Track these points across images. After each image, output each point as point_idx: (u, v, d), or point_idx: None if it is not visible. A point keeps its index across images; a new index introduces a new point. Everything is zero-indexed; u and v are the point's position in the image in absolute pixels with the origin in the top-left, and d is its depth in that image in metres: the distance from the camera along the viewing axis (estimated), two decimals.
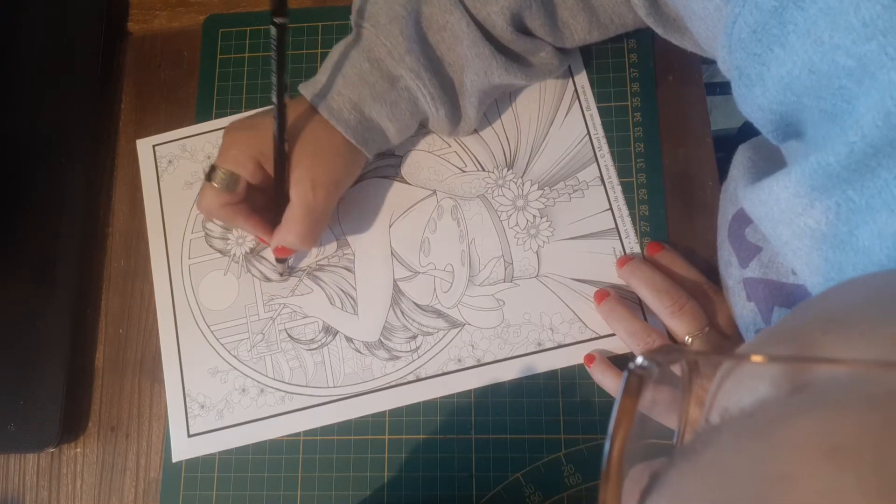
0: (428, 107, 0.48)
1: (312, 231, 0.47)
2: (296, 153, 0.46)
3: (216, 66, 0.59)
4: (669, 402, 0.40)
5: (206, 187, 0.47)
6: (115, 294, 0.56)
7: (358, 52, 0.46)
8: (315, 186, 0.46)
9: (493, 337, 0.51)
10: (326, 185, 0.46)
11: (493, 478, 0.49)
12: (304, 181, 0.46)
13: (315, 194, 0.46)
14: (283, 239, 0.48)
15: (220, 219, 0.50)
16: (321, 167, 0.46)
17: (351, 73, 0.46)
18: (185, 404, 0.52)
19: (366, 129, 0.47)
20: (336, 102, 0.46)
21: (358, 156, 0.48)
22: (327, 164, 0.46)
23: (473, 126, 0.52)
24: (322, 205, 0.47)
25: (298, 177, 0.46)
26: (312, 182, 0.46)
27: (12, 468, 0.53)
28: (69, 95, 0.58)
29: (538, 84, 0.55)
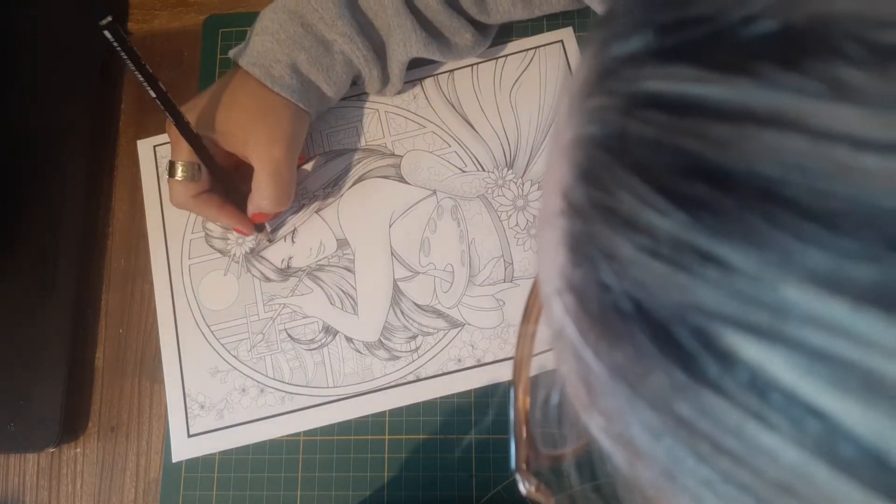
0: (362, 68, 0.50)
1: (283, 191, 0.49)
2: (245, 124, 0.47)
3: (216, 66, 0.59)
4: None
5: (171, 183, 0.49)
6: (115, 294, 0.56)
7: (290, 16, 0.48)
8: (272, 149, 0.47)
9: (493, 337, 0.51)
10: (282, 145, 0.48)
11: (493, 478, 0.49)
12: (261, 147, 0.47)
13: (274, 156, 0.47)
14: (258, 205, 0.49)
15: (195, 211, 0.52)
16: (273, 130, 0.47)
17: (285, 39, 0.48)
18: (185, 404, 0.52)
19: (307, 91, 0.49)
20: (276, 70, 0.47)
21: (302, 115, 0.50)
22: (277, 126, 0.48)
23: (398, 89, 0.54)
24: (284, 164, 0.48)
25: (254, 145, 0.47)
26: (269, 146, 0.47)
27: (12, 468, 0.53)
28: (69, 95, 0.58)
29: (538, 84, 0.55)
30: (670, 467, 0.15)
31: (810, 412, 0.12)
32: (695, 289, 0.13)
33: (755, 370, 0.13)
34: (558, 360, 0.19)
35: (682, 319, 0.14)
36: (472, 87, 0.56)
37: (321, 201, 0.55)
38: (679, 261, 0.14)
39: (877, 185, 0.12)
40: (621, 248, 0.15)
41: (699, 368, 0.14)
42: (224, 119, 0.48)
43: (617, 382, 0.15)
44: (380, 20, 0.50)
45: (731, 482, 0.14)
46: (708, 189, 0.14)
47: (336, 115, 0.57)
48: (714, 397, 0.13)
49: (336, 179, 0.55)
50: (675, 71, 0.15)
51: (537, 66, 0.56)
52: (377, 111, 0.57)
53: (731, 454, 0.14)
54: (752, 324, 0.13)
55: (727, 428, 0.13)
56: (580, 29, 0.56)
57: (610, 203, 0.15)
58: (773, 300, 0.13)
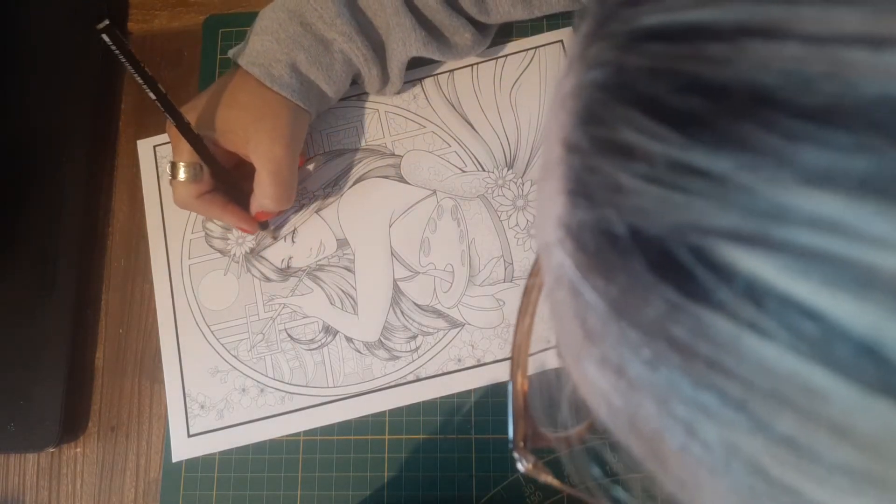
0: (361, 67, 0.50)
1: (284, 190, 0.49)
2: (246, 123, 0.47)
3: (216, 66, 0.59)
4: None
5: (174, 184, 0.49)
6: (115, 294, 0.56)
7: (289, 16, 0.48)
8: (274, 148, 0.47)
9: (493, 337, 0.51)
10: (283, 144, 0.48)
11: (493, 478, 0.49)
12: (262, 146, 0.47)
13: (276, 155, 0.47)
14: (260, 204, 0.49)
15: (199, 211, 0.52)
16: (274, 129, 0.48)
17: (285, 38, 0.48)
18: (185, 404, 0.52)
19: (307, 90, 0.49)
20: (276, 70, 0.47)
21: (302, 114, 0.50)
22: (278, 124, 0.48)
23: (398, 88, 0.54)
24: (285, 163, 0.48)
25: (255, 144, 0.47)
26: (270, 145, 0.47)
27: (12, 468, 0.53)
28: (69, 95, 0.58)
29: (538, 84, 0.55)
30: (667, 397, 0.15)
31: (805, 314, 0.12)
32: (691, 207, 0.14)
33: (751, 279, 0.13)
34: (555, 313, 0.19)
35: (679, 239, 0.14)
36: (472, 87, 0.56)
37: (321, 201, 0.55)
38: (675, 182, 0.14)
39: (867, 77, 0.12)
40: (619, 178, 0.15)
41: (695, 286, 0.14)
42: (224, 118, 0.48)
43: (613, 317, 0.16)
44: (379, 19, 0.50)
45: (727, 403, 0.14)
46: (703, 104, 0.14)
47: (336, 115, 0.57)
48: (709, 313, 0.14)
49: (336, 179, 0.55)
50: (669, 2, 0.15)
51: (537, 66, 0.56)
52: (377, 111, 0.57)
53: (727, 371, 0.14)
54: (747, 233, 0.13)
55: (722, 344, 0.13)
56: None
57: (609, 136, 0.15)
58: (767, 206, 0.13)
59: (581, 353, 0.17)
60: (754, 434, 0.14)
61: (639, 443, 0.17)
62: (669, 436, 0.15)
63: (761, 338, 0.13)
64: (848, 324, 0.12)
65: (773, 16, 0.13)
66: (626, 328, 0.15)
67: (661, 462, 0.17)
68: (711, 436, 0.14)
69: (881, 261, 0.12)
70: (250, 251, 0.55)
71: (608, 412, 0.18)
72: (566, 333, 0.18)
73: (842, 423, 0.13)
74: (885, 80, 0.12)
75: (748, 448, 0.14)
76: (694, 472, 0.15)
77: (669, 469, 0.16)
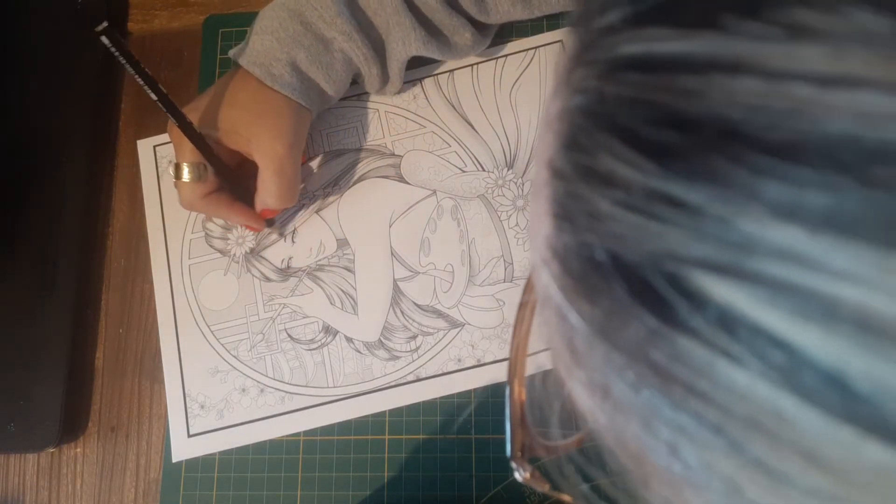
0: (361, 66, 0.51)
1: (287, 188, 0.49)
2: (248, 122, 0.48)
3: (216, 66, 0.59)
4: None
5: (179, 185, 0.49)
6: (115, 294, 0.56)
7: (290, 15, 0.48)
8: (276, 147, 0.47)
9: (493, 337, 0.51)
10: (285, 142, 0.48)
11: (492, 478, 0.49)
12: (264, 144, 0.48)
13: (278, 153, 0.48)
14: (263, 202, 0.50)
15: (205, 212, 0.52)
16: (275, 128, 0.48)
17: (285, 37, 0.48)
18: (185, 404, 0.52)
19: (307, 89, 0.49)
20: (276, 69, 0.47)
21: (303, 113, 0.50)
22: (279, 123, 0.48)
23: (398, 88, 0.54)
24: (288, 161, 0.48)
25: (257, 143, 0.48)
26: (272, 144, 0.47)
27: (12, 468, 0.53)
28: (69, 95, 0.58)
29: (538, 84, 0.55)
30: (649, 419, 0.15)
31: (774, 344, 0.13)
32: (666, 235, 0.14)
33: (723, 308, 0.13)
34: (545, 330, 0.19)
35: (656, 267, 0.14)
36: (472, 87, 0.56)
37: (321, 201, 0.55)
38: (651, 210, 0.14)
39: (829, 115, 0.13)
40: (599, 205, 0.15)
41: (671, 312, 0.14)
42: (226, 118, 0.48)
43: (597, 339, 0.16)
44: (379, 18, 0.50)
45: (704, 425, 0.14)
46: (676, 136, 0.14)
47: (336, 115, 0.57)
48: (685, 339, 0.14)
49: (336, 179, 0.55)
50: (648, 33, 0.15)
51: (537, 66, 0.56)
52: (377, 111, 0.57)
53: (703, 396, 0.14)
54: (719, 263, 0.13)
55: (698, 369, 0.14)
56: None
57: (589, 163, 0.16)
58: (736, 237, 0.13)
59: (568, 373, 0.18)
60: (730, 456, 0.14)
61: (626, 458, 0.18)
62: (653, 455, 0.16)
63: (734, 365, 0.13)
64: (814, 354, 0.13)
65: (740, 51, 0.14)
66: (610, 351, 0.16)
67: (646, 478, 0.17)
68: (692, 456, 0.15)
69: (844, 294, 0.12)
70: (250, 251, 0.55)
71: (596, 428, 0.18)
72: (555, 352, 0.19)
73: (810, 449, 0.13)
74: (846, 119, 0.12)
75: (726, 469, 0.14)
76: (678, 489, 0.16)
77: (654, 485, 0.17)
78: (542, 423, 0.26)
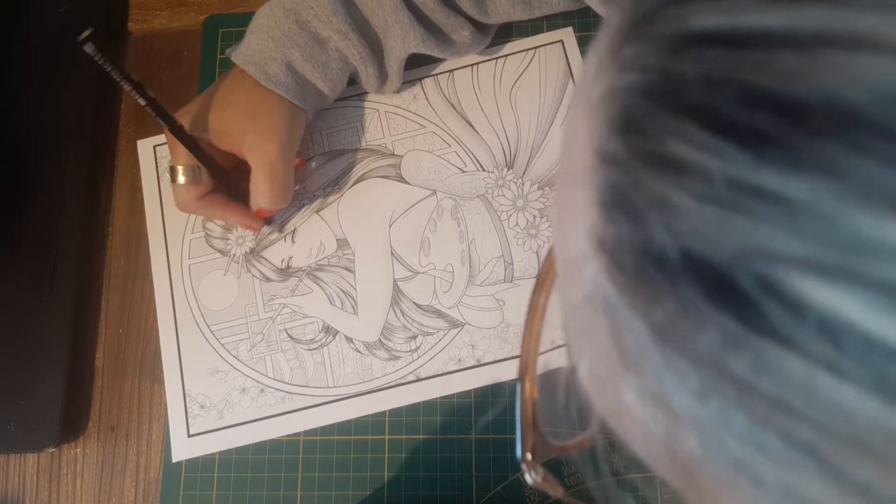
0: (358, 65, 0.50)
1: (279, 189, 0.49)
2: (241, 122, 0.47)
3: (216, 66, 0.59)
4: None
5: (175, 188, 0.49)
6: (115, 294, 0.56)
7: (285, 14, 0.48)
8: (268, 147, 0.47)
9: (493, 337, 0.51)
10: (277, 143, 0.48)
11: (492, 478, 0.49)
12: (256, 145, 0.47)
13: (270, 154, 0.47)
14: (256, 203, 0.49)
15: (201, 213, 0.52)
16: (268, 128, 0.47)
17: (280, 36, 0.48)
18: (185, 404, 0.52)
19: (303, 88, 0.49)
20: (271, 68, 0.47)
21: (298, 113, 0.49)
22: (272, 124, 0.48)
23: (397, 87, 0.54)
24: (280, 162, 0.48)
25: (250, 143, 0.47)
26: (264, 144, 0.47)
27: (12, 468, 0.53)
28: (69, 95, 0.58)
29: (538, 83, 0.55)
30: (717, 432, 0.14)
31: (892, 356, 0.11)
32: (757, 232, 0.13)
33: (827, 315, 0.12)
34: (582, 332, 0.18)
35: (741, 266, 0.13)
36: (472, 87, 0.56)
37: (321, 201, 0.55)
38: (739, 203, 0.13)
39: None
40: (669, 195, 0.14)
41: (759, 318, 0.13)
42: (219, 119, 0.48)
43: (657, 342, 0.14)
44: (376, 17, 0.50)
45: (791, 443, 0.13)
46: (774, 122, 0.13)
47: (336, 115, 0.57)
48: (776, 349, 0.12)
49: (336, 179, 0.55)
50: (729, 4, 0.14)
51: (537, 66, 0.56)
52: (377, 111, 0.57)
53: (793, 411, 0.13)
54: (825, 264, 0.12)
55: (791, 382, 0.12)
56: (580, 29, 0.56)
57: (656, 149, 0.14)
58: (849, 236, 0.12)
59: (614, 377, 0.16)
60: (824, 481, 0.13)
61: (674, 470, 0.16)
62: (713, 469, 0.14)
63: (840, 380, 0.12)
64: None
65: (861, 25, 0.12)
66: (672, 355, 0.14)
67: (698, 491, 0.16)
68: (768, 476, 0.13)
69: None
70: (250, 251, 0.55)
71: (642, 437, 0.16)
72: (597, 353, 0.17)
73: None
74: None
75: (813, 494, 0.13)
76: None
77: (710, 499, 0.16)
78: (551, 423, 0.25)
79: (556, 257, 0.20)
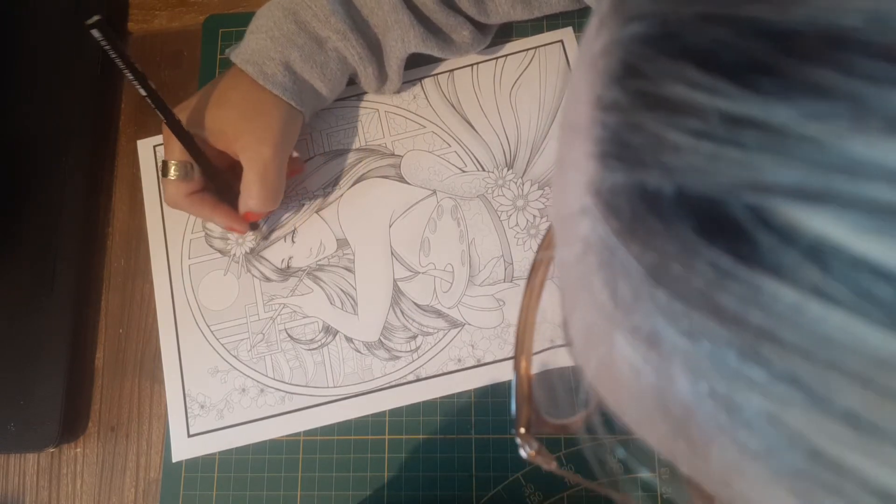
0: (357, 65, 0.50)
1: (270, 192, 0.49)
2: (236, 122, 0.47)
3: (216, 66, 0.59)
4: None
5: (165, 183, 0.49)
6: (115, 294, 0.56)
7: (284, 14, 0.48)
8: (261, 149, 0.47)
9: (493, 337, 0.51)
10: (271, 145, 0.47)
11: (493, 478, 0.49)
12: (250, 146, 0.47)
13: (263, 156, 0.47)
14: (245, 204, 0.49)
15: (189, 210, 0.51)
16: (263, 129, 0.47)
17: (279, 36, 0.47)
18: (185, 404, 0.52)
19: (300, 89, 0.49)
20: (269, 68, 0.47)
21: (295, 115, 0.49)
22: (267, 125, 0.47)
23: (397, 87, 0.54)
24: (272, 164, 0.48)
25: (243, 144, 0.47)
26: (258, 145, 0.47)
27: (12, 468, 0.53)
28: (69, 95, 0.58)
29: (538, 84, 0.55)
30: (707, 372, 0.14)
31: (879, 276, 0.11)
32: (748, 163, 0.13)
33: (816, 240, 0.12)
34: (577, 288, 0.17)
35: (734, 199, 0.13)
36: (472, 87, 0.56)
37: (321, 201, 0.55)
38: (732, 136, 0.13)
39: None
40: (666, 135, 0.14)
41: (751, 249, 0.13)
42: (214, 117, 0.48)
43: (650, 284, 0.14)
44: (376, 17, 0.50)
45: (777, 376, 0.13)
46: (767, 52, 0.13)
47: (336, 115, 0.57)
48: (766, 278, 0.12)
49: (336, 179, 0.55)
50: None
51: (537, 66, 0.56)
52: (377, 111, 0.57)
53: (781, 342, 0.12)
54: (814, 189, 0.12)
55: (778, 312, 0.12)
56: (580, 29, 0.56)
57: (654, 91, 0.14)
58: (837, 158, 0.12)
59: (608, 325, 0.16)
60: (809, 410, 0.13)
61: (665, 426, 0.16)
62: (704, 414, 0.14)
63: (826, 304, 0.12)
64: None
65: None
66: (665, 296, 0.14)
67: (691, 446, 0.15)
68: (757, 413, 0.13)
69: None
70: (250, 251, 0.55)
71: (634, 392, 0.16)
72: (591, 304, 0.17)
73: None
74: None
75: (800, 426, 0.13)
76: (733, 456, 0.14)
77: (702, 454, 0.15)
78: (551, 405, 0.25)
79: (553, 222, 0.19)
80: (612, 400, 0.18)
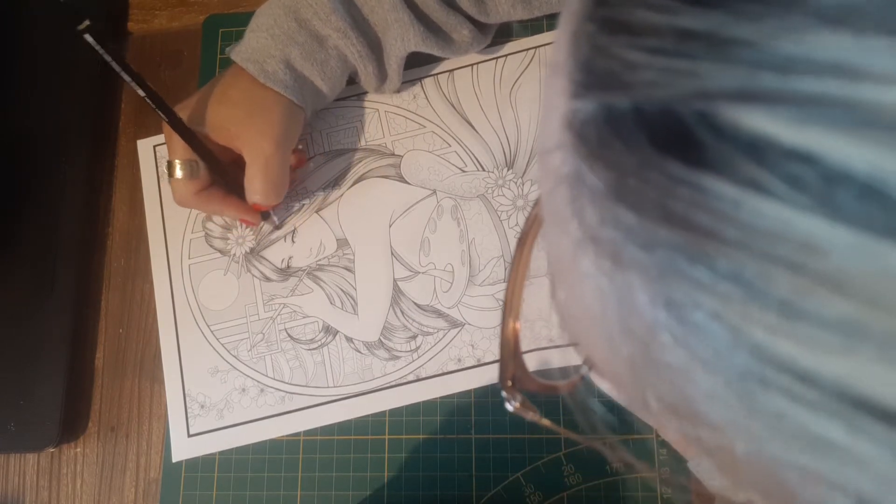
0: (357, 63, 0.50)
1: (272, 186, 0.49)
2: (237, 118, 0.48)
3: (216, 67, 0.59)
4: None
5: (172, 183, 0.49)
6: (115, 294, 0.56)
7: (285, 12, 0.48)
8: (263, 144, 0.47)
9: (494, 337, 0.51)
10: (273, 140, 0.48)
11: (493, 478, 0.49)
12: (251, 141, 0.48)
13: (264, 150, 0.47)
14: (249, 199, 0.50)
15: (199, 208, 0.52)
16: (264, 125, 0.48)
17: (279, 34, 0.48)
18: (185, 404, 0.52)
19: (301, 86, 0.49)
20: (270, 65, 0.47)
21: (296, 111, 0.49)
22: (269, 120, 0.48)
23: (397, 86, 0.54)
24: (274, 159, 0.48)
25: (245, 139, 0.48)
26: (259, 141, 0.47)
27: (12, 468, 0.53)
28: (69, 95, 0.58)
29: (538, 84, 0.55)
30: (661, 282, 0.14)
31: (804, 161, 0.12)
32: (697, 72, 0.13)
33: (754, 136, 0.13)
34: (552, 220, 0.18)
35: (684, 108, 0.13)
36: (472, 87, 0.56)
37: (321, 201, 0.55)
38: (682, 49, 0.14)
39: None
40: (624, 55, 0.15)
41: (698, 152, 0.13)
42: (215, 114, 0.48)
43: (611, 201, 0.15)
44: (376, 16, 0.50)
45: (722, 275, 0.13)
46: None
47: (336, 114, 0.57)
48: (710, 178, 0.13)
49: (336, 179, 0.55)
50: None
51: (537, 66, 0.56)
52: (377, 111, 0.57)
53: (723, 240, 0.13)
54: (751, 90, 0.13)
55: (721, 210, 0.13)
56: None
57: (617, 17, 0.15)
58: (771, 58, 0.12)
59: (577, 253, 0.17)
60: (748, 304, 0.13)
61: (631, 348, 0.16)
62: (662, 327, 0.14)
63: (760, 195, 0.13)
64: (850, 165, 0.12)
65: None
66: (623, 212, 0.15)
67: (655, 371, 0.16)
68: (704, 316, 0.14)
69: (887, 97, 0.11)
70: (250, 251, 0.55)
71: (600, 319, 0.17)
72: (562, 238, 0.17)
73: (837, 276, 0.12)
74: None
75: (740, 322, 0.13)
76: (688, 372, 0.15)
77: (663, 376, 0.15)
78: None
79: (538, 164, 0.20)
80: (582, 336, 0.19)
